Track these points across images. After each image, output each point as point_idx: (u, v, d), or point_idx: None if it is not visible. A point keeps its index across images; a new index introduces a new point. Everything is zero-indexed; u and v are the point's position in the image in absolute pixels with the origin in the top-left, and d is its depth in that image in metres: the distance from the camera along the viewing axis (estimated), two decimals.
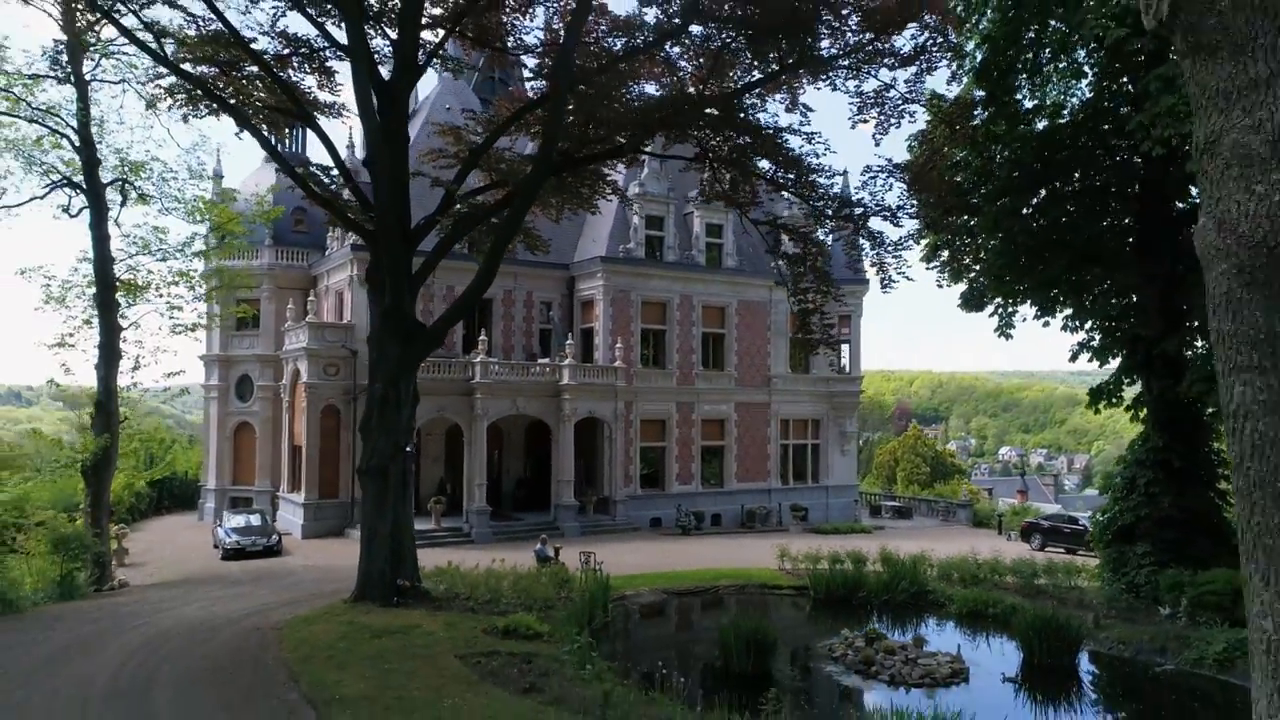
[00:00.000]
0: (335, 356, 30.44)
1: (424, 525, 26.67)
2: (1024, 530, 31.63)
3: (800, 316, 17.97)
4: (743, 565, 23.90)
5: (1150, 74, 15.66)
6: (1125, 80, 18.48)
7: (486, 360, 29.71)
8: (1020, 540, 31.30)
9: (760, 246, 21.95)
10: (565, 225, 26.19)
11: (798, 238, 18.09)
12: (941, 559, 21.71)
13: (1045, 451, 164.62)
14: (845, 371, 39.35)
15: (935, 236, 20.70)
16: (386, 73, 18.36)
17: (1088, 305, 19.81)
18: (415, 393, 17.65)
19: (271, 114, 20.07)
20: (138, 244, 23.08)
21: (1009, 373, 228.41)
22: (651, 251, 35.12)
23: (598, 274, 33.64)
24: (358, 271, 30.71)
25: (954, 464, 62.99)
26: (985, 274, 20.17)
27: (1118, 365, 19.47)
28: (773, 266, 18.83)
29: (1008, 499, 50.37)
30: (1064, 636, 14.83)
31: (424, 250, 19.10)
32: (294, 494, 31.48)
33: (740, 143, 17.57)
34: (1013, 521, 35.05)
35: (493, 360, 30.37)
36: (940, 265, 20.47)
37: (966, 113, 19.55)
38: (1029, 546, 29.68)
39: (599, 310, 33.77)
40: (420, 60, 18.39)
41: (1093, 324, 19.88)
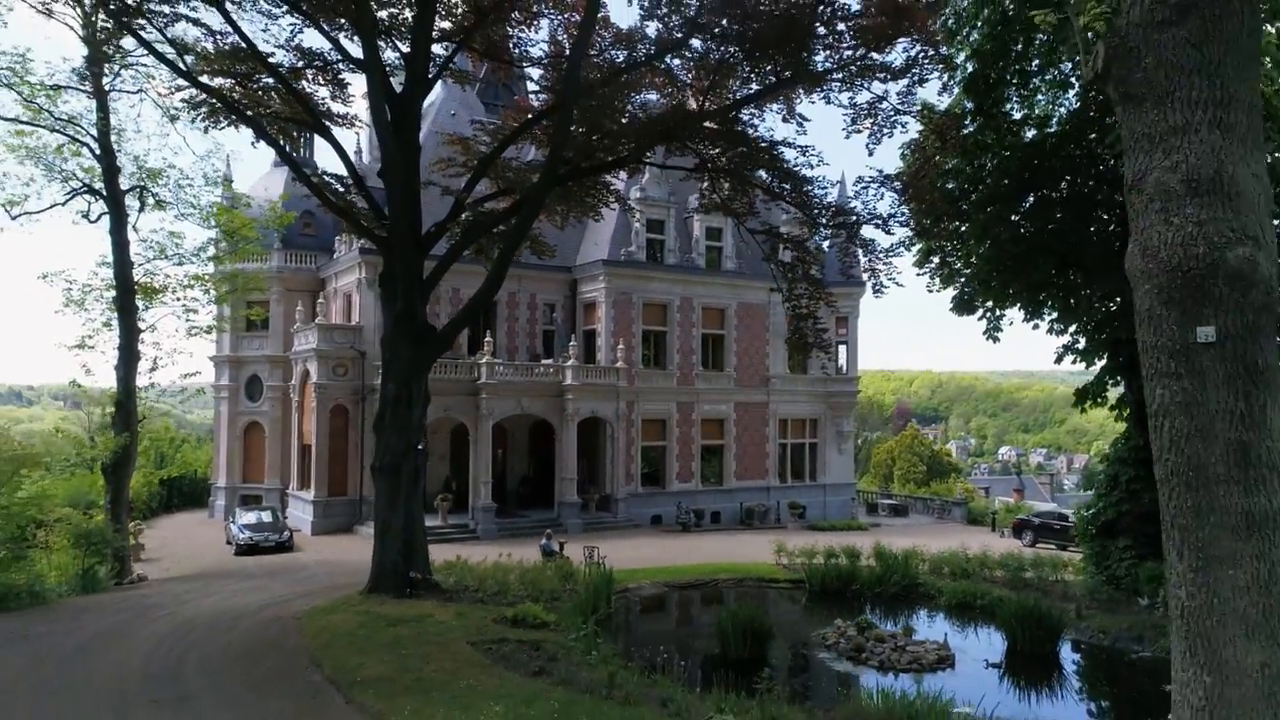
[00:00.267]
0: (344, 357, 31.19)
1: (431, 522, 27.31)
2: (1016, 527, 32.40)
3: (794, 321, 18.71)
4: (741, 561, 24.61)
5: None
6: None
7: (492, 361, 30.45)
8: (1013, 537, 32.05)
9: (759, 249, 22.67)
10: (568, 229, 26.91)
11: (793, 246, 18.84)
12: (933, 554, 22.42)
13: (1045, 451, 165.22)
14: (842, 372, 40.09)
15: (927, 242, 21.38)
16: (397, 85, 19.08)
17: (1073, 308, 20.50)
18: (426, 393, 18.39)
19: (284, 123, 20.84)
20: (154, 249, 23.89)
21: (1009, 372, 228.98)
22: (652, 254, 35.88)
23: (600, 277, 34.39)
24: (366, 274, 31.49)
25: (950, 463, 63.74)
26: (975, 279, 20.85)
27: (1101, 367, 20.19)
28: (770, 272, 19.45)
29: (1004, 498, 51.08)
30: (1046, 626, 15.56)
31: (433, 255, 19.85)
32: (304, 492, 32.23)
33: (738, 155, 18.29)
34: (1006, 519, 35.80)
35: (498, 361, 31.11)
36: (932, 270, 21.17)
37: (957, 123, 20.22)
38: (1020, 543, 30.42)
39: (601, 312, 34.52)
40: (430, 74, 19.09)
41: (1077, 327, 20.57)
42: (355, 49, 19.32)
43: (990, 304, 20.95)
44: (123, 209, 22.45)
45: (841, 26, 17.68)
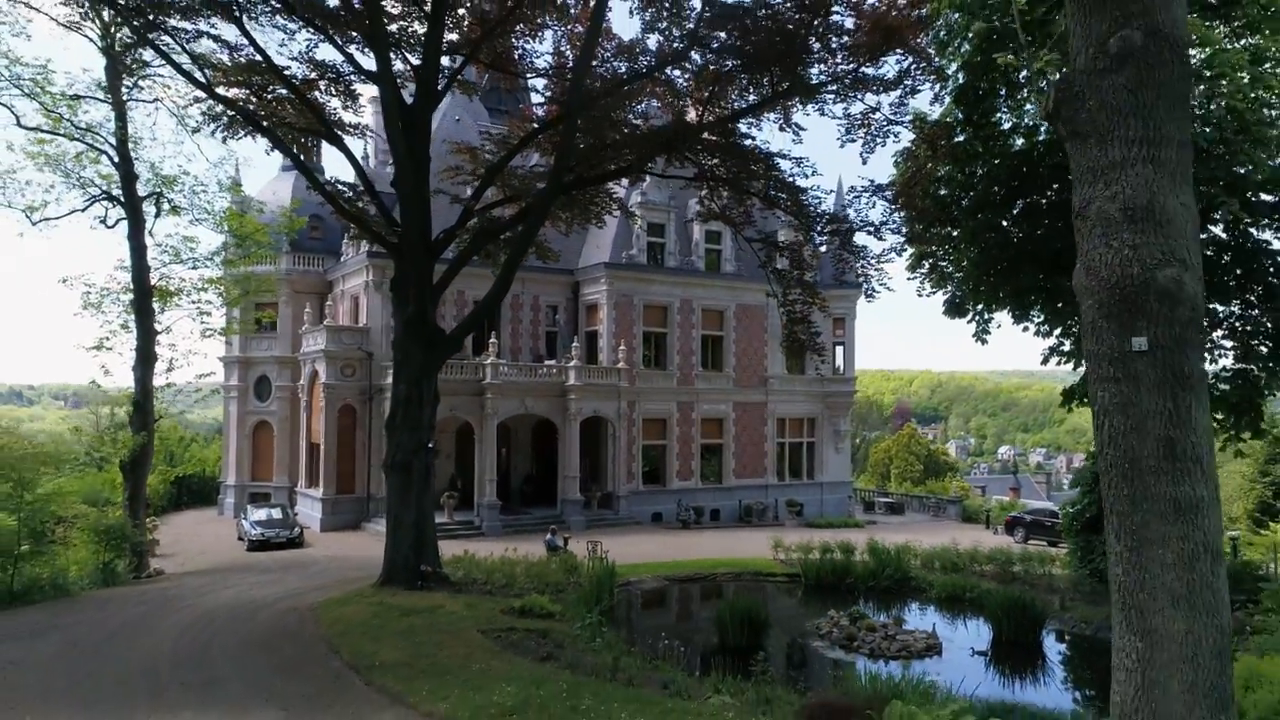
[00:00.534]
0: (352, 358, 31.90)
1: (437, 519, 28.02)
2: (1008, 524, 33.13)
3: (789, 325, 19.42)
4: (740, 556, 25.29)
5: None
6: None
7: (496, 362, 31.16)
8: (1005, 534, 32.77)
9: (756, 253, 23.35)
10: (571, 233, 27.65)
11: (788, 253, 19.56)
12: (925, 549, 23.15)
13: (1045, 451, 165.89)
14: (839, 372, 40.82)
15: (919, 248, 22.07)
16: (407, 96, 19.78)
17: (1060, 311, 21.18)
18: (436, 393, 19.11)
19: (296, 132, 21.53)
20: (169, 253, 24.58)
21: (1008, 372, 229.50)
22: (653, 257, 36.61)
23: (602, 279, 35.11)
24: (373, 277, 32.22)
25: (946, 462, 64.48)
26: (965, 283, 21.54)
27: (1086, 368, 20.83)
28: (766, 278, 20.16)
29: (1000, 496, 51.83)
30: (1030, 616, 16.29)
31: (441, 259, 20.55)
32: (312, 489, 32.95)
33: (736, 166, 19.00)
34: (1000, 517, 36.52)
35: (502, 362, 31.82)
36: (923, 275, 21.85)
37: (948, 132, 20.92)
38: (1013, 539, 31.14)
39: (603, 314, 35.24)
40: (440, 85, 19.79)
41: (1063, 329, 21.27)
42: (366, 61, 20.10)
43: (980, 307, 21.64)
44: (140, 215, 23.16)
45: (835, 43, 18.39)
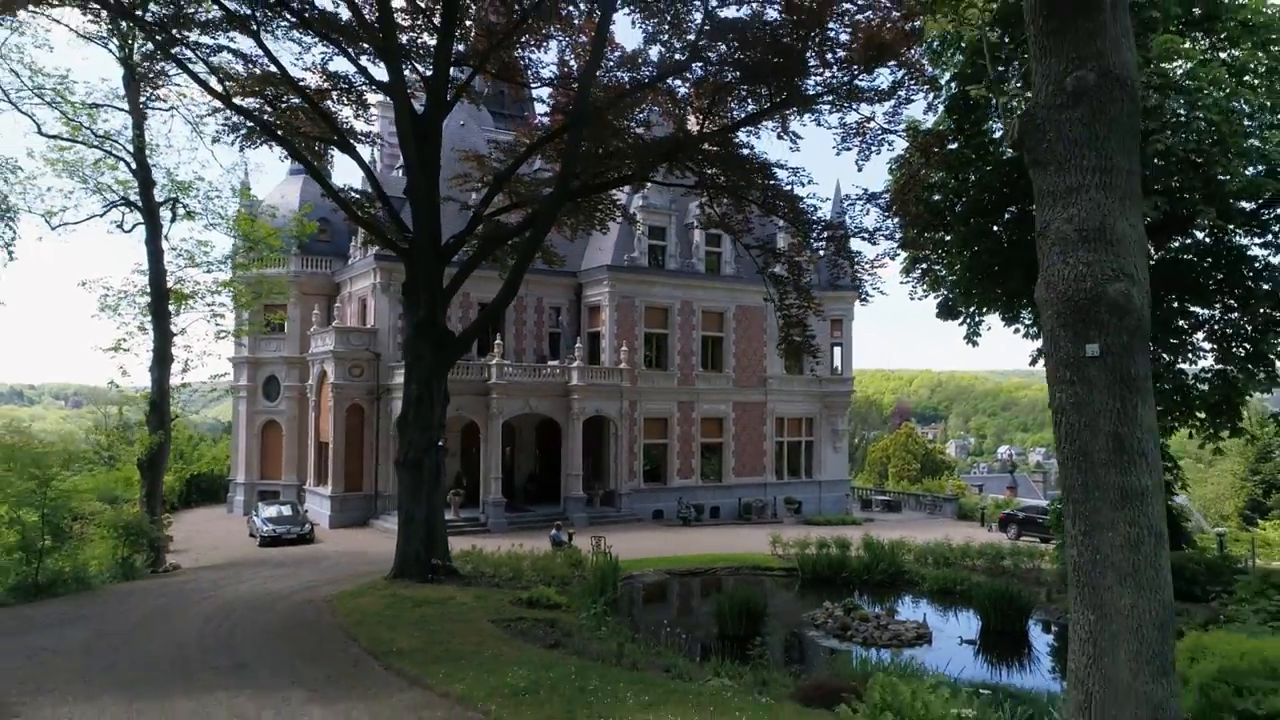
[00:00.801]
0: (360, 359, 32.61)
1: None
2: (1002, 521, 33.84)
3: (784, 328, 20.12)
4: (739, 551, 26.02)
5: None
6: None
7: (501, 363, 31.86)
8: (999, 531, 33.47)
9: (759, 244, 23.92)
10: (575, 238, 28.36)
11: (785, 260, 20.25)
12: (919, 545, 23.85)
13: (1044, 450, 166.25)
14: (837, 372, 41.54)
15: (913, 252, 22.78)
16: (417, 106, 20.47)
17: None
18: (446, 393, 19.79)
19: (309, 140, 22.21)
20: (184, 256, 25.31)
21: (1008, 372, 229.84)
22: (654, 260, 37.32)
23: (604, 281, 35.82)
24: (380, 279, 32.92)
25: (943, 461, 65.17)
26: (957, 286, 22.25)
27: None
28: (764, 284, 20.85)
29: (997, 494, 52.47)
30: (1017, 607, 17.00)
31: (451, 263, 21.21)
32: (321, 487, 33.66)
33: (735, 175, 19.69)
34: (994, 514, 37.21)
35: (507, 363, 32.52)
36: (917, 278, 22.56)
37: (941, 141, 21.62)
38: (1006, 536, 31.83)
39: (605, 315, 35.96)
40: (449, 96, 20.47)
41: None
42: (377, 72, 20.75)
43: (971, 309, 22.35)
44: (158, 220, 23.87)
45: (831, 57, 19.07)
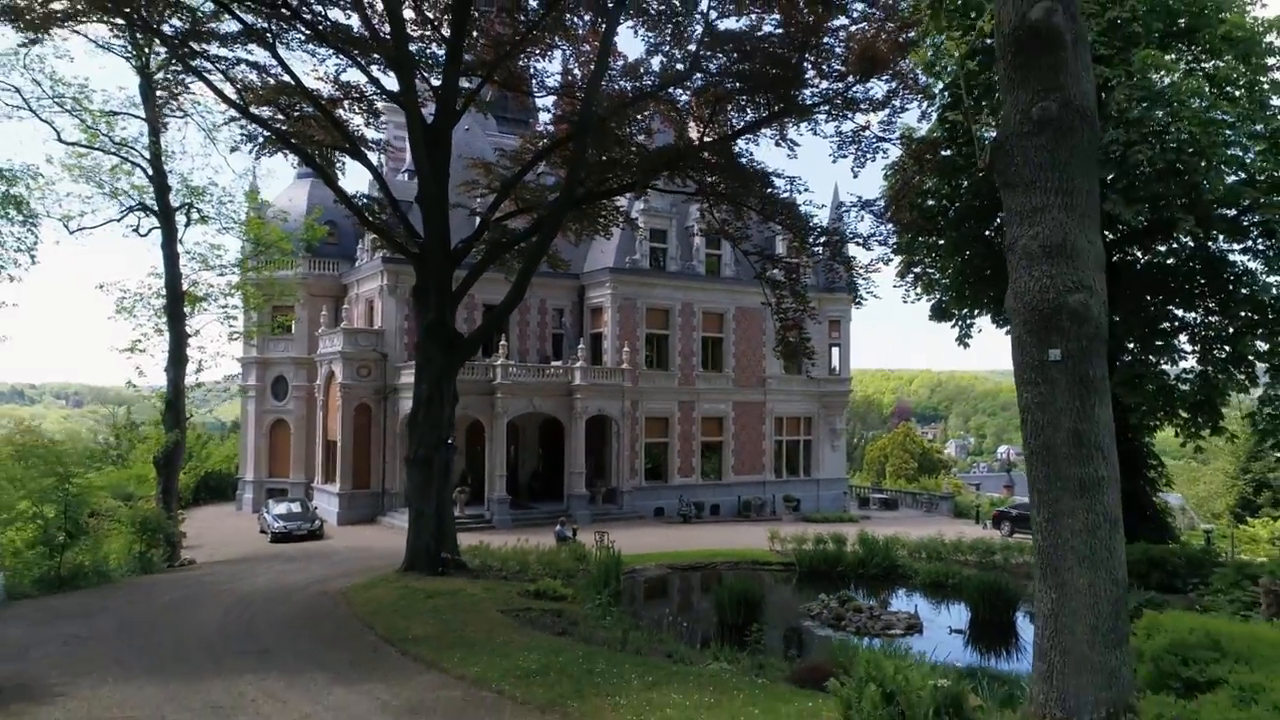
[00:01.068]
0: (367, 359, 33.30)
1: None
2: (995, 519, 34.55)
3: (781, 331, 20.82)
4: (738, 547, 26.72)
5: None
6: None
7: (506, 363, 32.55)
8: (993, 528, 34.15)
9: (758, 250, 24.59)
10: (580, 243, 29.04)
11: (782, 266, 20.95)
12: (913, 540, 24.54)
13: None
14: (835, 373, 42.26)
15: (908, 256, 23.48)
16: (426, 115, 21.10)
17: None
18: (454, 393, 20.48)
19: (321, 148, 22.89)
20: (198, 259, 26.01)
21: (1008, 372, 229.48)
22: (655, 262, 38.02)
23: (606, 283, 36.52)
24: (387, 281, 33.62)
25: (940, 460, 65.90)
26: (950, 289, 22.95)
27: None
28: (762, 289, 21.54)
29: (994, 493, 53.18)
30: (1005, 598, 17.68)
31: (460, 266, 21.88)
32: (329, 485, 34.35)
33: (734, 183, 20.38)
34: (989, 512, 37.91)
35: (511, 363, 33.21)
36: (910, 282, 23.25)
37: (934, 148, 22.31)
38: (1000, 532, 32.51)
39: (607, 316, 36.66)
40: (458, 105, 21.14)
41: None
42: (387, 81, 21.42)
43: (963, 311, 23.04)
44: (173, 224, 24.55)
45: (826, 67, 19.77)
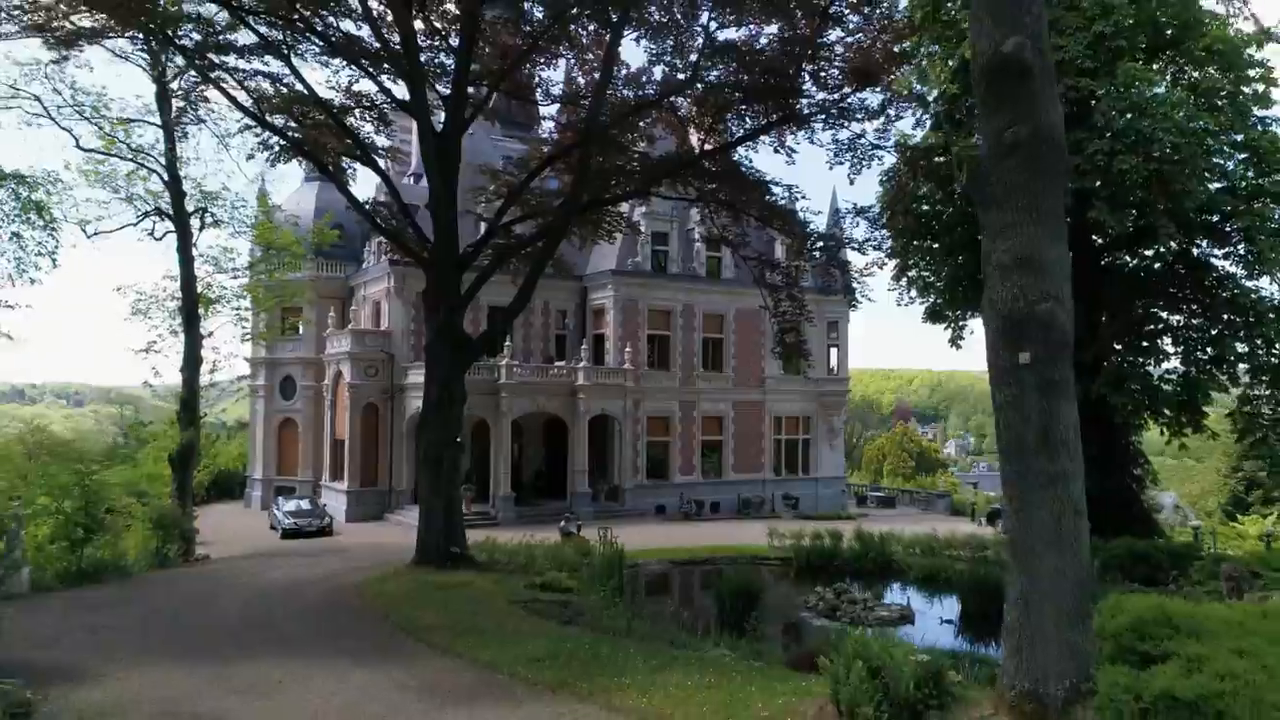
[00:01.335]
0: (374, 360, 33.99)
1: None
2: (989, 515, 35.25)
3: (778, 334, 21.52)
4: (738, 543, 27.40)
5: (1068, 134, 19.13)
6: None
7: (510, 364, 33.24)
8: (988, 524, 34.84)
9: (756, 256, 25.28)
10: (584, 248, 29.70)
11: (781, 271, 21.66)
12: (908, 537, 25.21)
13: None
14: (833, 373, 42.96)
15: (903, 259, 24.20)
16: (435, 124, 21.77)
17: None
18: (463, 393, 21.15)
19: (334, 155, 23.57)
20: (211, 263, 26.66)
21: None
22: (657, 264, 38.72)
23: (608, 285, 37.22)
24: (394, 283, 34.30)
25: (937, 459, 66.58)
26: (943, 292, 23.66)
27: None
28: (760, 293, 22.23)
29: (992, 491, 53.85)
30: (995, 592, 18.20)
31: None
32: (336, 483, 35.05)
33: (733, 191, 21.06)
34: (984, 509, 38.62)
35: (516, 364, 33.91)
36: (906, 285, 23.96)
37: (928, 156, 23.00)
38: (994, 529, 33.18)
39: (609, 318, 37.36)
40: (467, 114, 21.81)
41: None
42: (397, 90, 22.09)
43: (956, 313, 23.75)
44: (189, 229, 25.19)
45: (823, 76, 20.43)
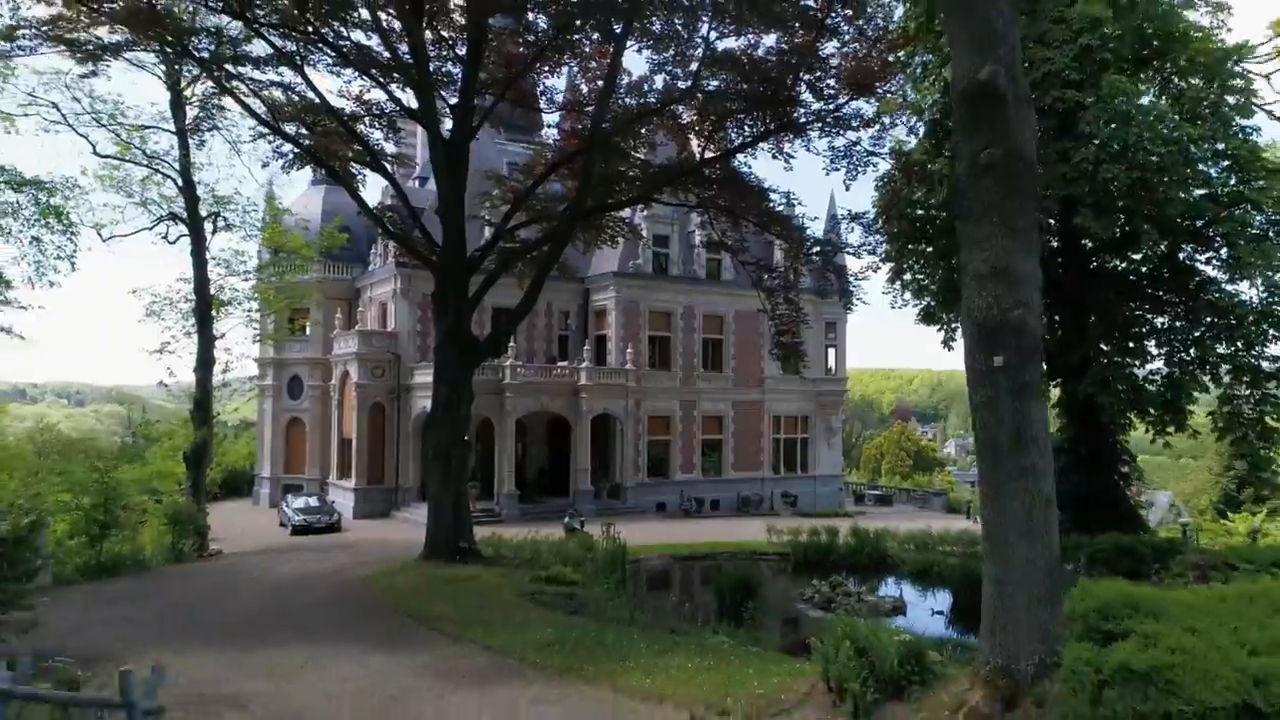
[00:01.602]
0: (381, 360, 34.65)
1: None
2: None
3: (776, 335, 22.17)
4: (737, 539, 28.03)
5: (1056, 143, 19.78)
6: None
7: (514, 364, 33.90)
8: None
9: (755, 261, 25.95)
10: (587, 252, 30.33)
11: (779, 275, 22.32)
12: (903, 533, 25.86)
13: None
14: (831, 373, 43.60)
15: (897, 263, 24.78)
16: (444, 132, 22.38)
17: None
18: (470, 393, 21.80)
19: (344, 161, 24.22)
20: (223, 265, 27.33)
21: None
22: (658, 266, 39.37)
23: (610, 287, 37.88)
24: (400, 285, 34.96)
25: (934, 458, 67.22)
26: (937, 294, 24.23)
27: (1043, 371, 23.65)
28: (759, 296, 22.88)
29: None
30: None
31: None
32: (344, 481, 35.71)
33: (733, 197, 21.71)
34: (979, 507, 39.23)
35: (520, 364, 34.57)
36: (900, 288, 24.53)
37: (922, 162, 23.59)
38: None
39: (611, 319, 38.02)
40: (474, 122, 22.45)
41: None
42: (406, 98, 22.72)
43: (949, 316, 24.33)
44: (202, 233, 25.86)
45: (820, 84, 21.08)
